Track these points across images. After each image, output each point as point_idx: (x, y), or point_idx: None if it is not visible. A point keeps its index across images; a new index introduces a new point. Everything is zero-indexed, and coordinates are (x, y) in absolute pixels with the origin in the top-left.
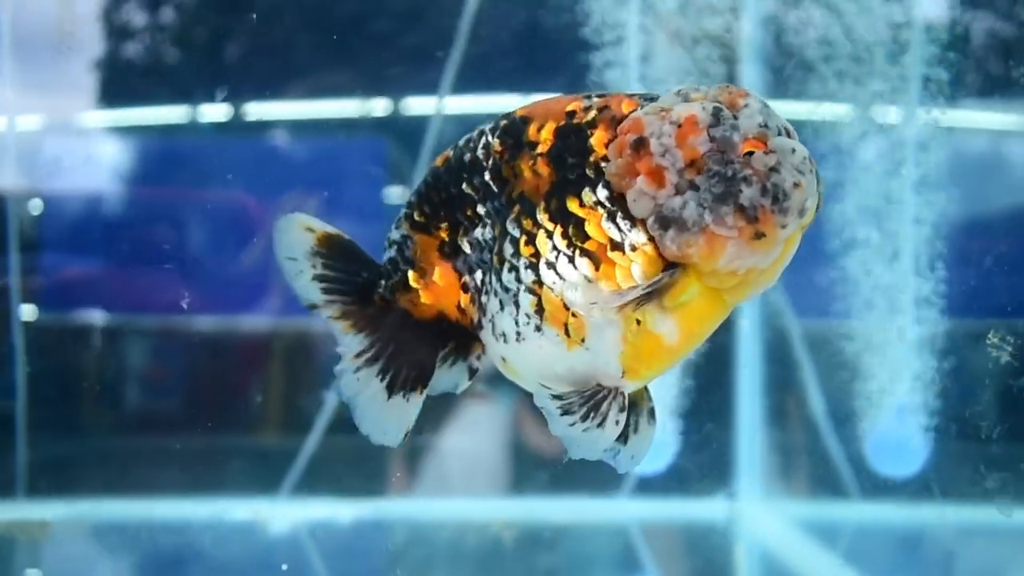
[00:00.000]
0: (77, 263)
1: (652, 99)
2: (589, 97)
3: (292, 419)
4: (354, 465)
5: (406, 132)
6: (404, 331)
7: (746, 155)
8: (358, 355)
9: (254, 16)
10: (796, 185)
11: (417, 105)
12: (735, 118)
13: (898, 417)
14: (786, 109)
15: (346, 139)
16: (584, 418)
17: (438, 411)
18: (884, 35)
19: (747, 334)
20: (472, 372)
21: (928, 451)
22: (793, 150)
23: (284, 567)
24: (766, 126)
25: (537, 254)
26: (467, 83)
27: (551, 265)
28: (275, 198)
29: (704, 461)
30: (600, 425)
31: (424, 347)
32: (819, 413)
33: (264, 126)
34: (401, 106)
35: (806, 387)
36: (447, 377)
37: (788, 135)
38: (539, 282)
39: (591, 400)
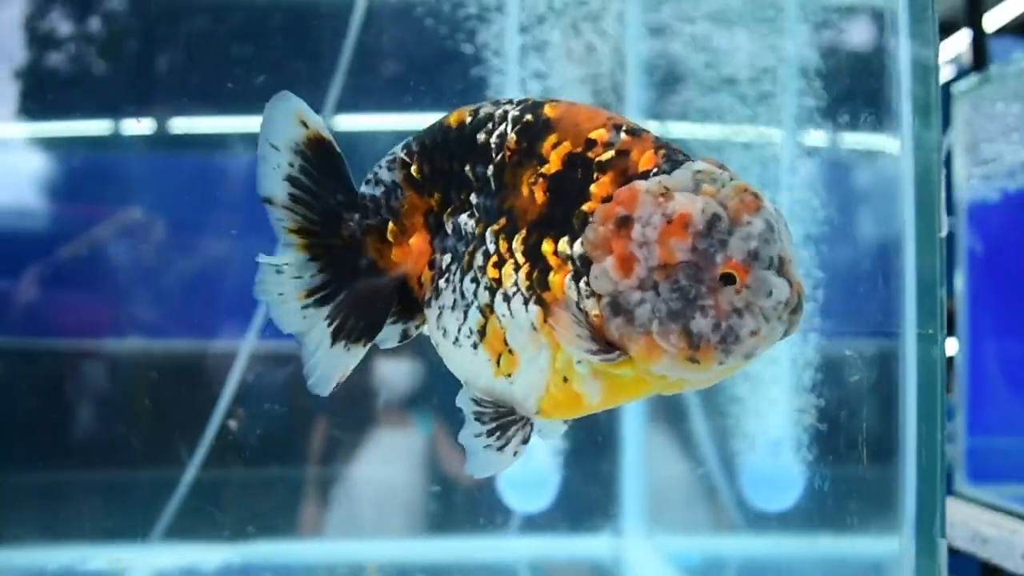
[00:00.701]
0: None
1: (674, 161)
2: (618, 130)
3: (167, 454)
4: (232, 505)
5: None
6: (363, 279)
7: (722, 277)
8: (311, 292)
9: (184, 30)
10: (753, 333)
11: (348, 121)
12: (729, 233)
13: (773, 450)
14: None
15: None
16: (490, 434)
17: (351, 439)
18: (767, 58)
19: None
20: (404, 337)
21: (804, 483)
22: (770, 293)
23: None
24: (756, 255)
25: (499, 282)
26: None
27: (507, 299)
28: (190, 214)
29: (590, 497)
30: (500, 449)
31: (379, 301)
32: (703, 447)
33: (190, 141)
34: (333, 122)
35: (691, 420)
36: (384, 332)
37: (780, 266)
38: (491, 308)
39: (502, 419)
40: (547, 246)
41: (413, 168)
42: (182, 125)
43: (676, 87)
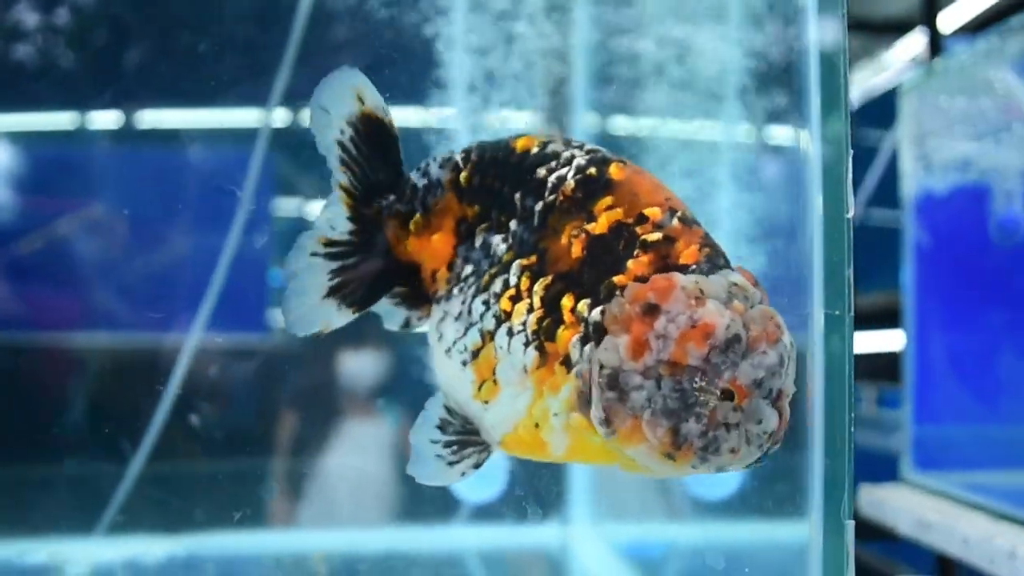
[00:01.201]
0: None
1: (714, 264)
2: (673, 214)
3: (112, 447)
4: (179, 497)
5: (301, 144)
6: (376, 256)
7: (721, 394)
8: (329, 243)
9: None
10: (733, 451)
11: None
12: (743, 357)
13: None
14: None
15: (237, 150)
16: (446, 446)
17: (320, 430)
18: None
19: None
20: (407, 323)
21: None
22: (760, 421)
23: None
24: (759, 384)
25: (509, 315)
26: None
27: (510, 334)
28: (151, 208)
29: (539, 486)
30: (451, 464)
31: (380, 281)
32: None
33: (158, 135)
34: (300, 117)
35: None
36: (386, 313)
37: (776, 398)
38: (492, 335)
39: (464, 437)
40: (567, 301)
41: (463, 174)
42: (148, 119)
43: (611, 81)
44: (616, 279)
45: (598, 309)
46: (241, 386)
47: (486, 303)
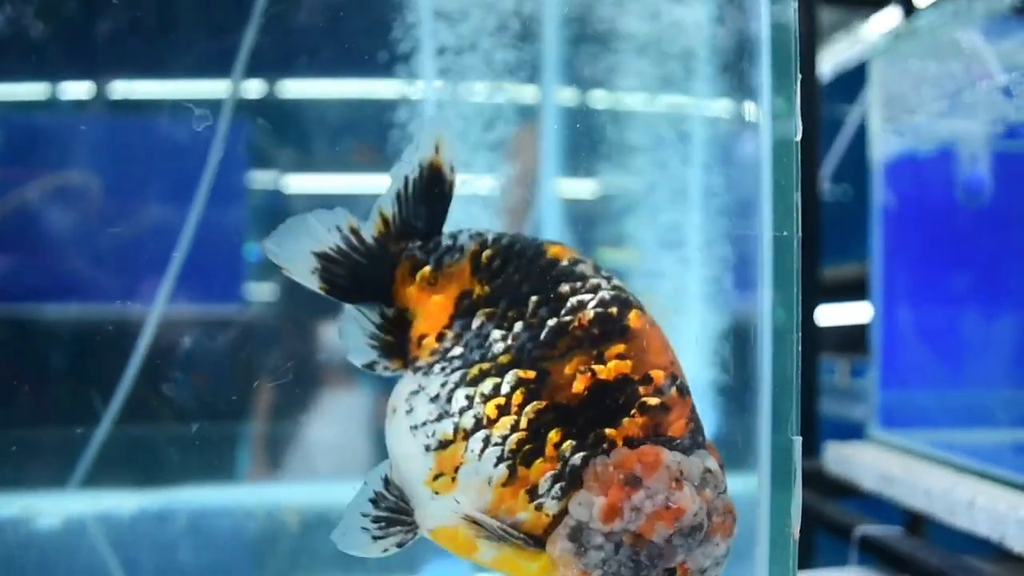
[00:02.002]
0: None
1: (695, 443)
2: (673, 381)
3: (80, 410)
4: (147, 455)
5: (277, 115)
6: (375, 283)
7: (666, 571)
8: (344, 246)
9: None
10: None
11: (292, 88)
12: (699, 544)
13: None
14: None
15: (212, 120)
16: (375, 521)
17: (296, 396)
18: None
19: None
20: (371, 366)
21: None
22: None
23: None
24: (703, 571)
25: (490, 424)
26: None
27: (486, 442)
28: (132, 179)
29: None
30: (375, 539)
31: (361, 296)
32: None
33: (129, 105)
34: (275, 88)
35: None
36: (356, 342)
37: None
38: (466, 435)
39: (395, 516)
40: (554, 435)
41: (487, 251)
42: (120, 89)
43: (587, 50)
44: (608, 431)
45: (580, 455)
46: (214, 355)
47: (469, 399)
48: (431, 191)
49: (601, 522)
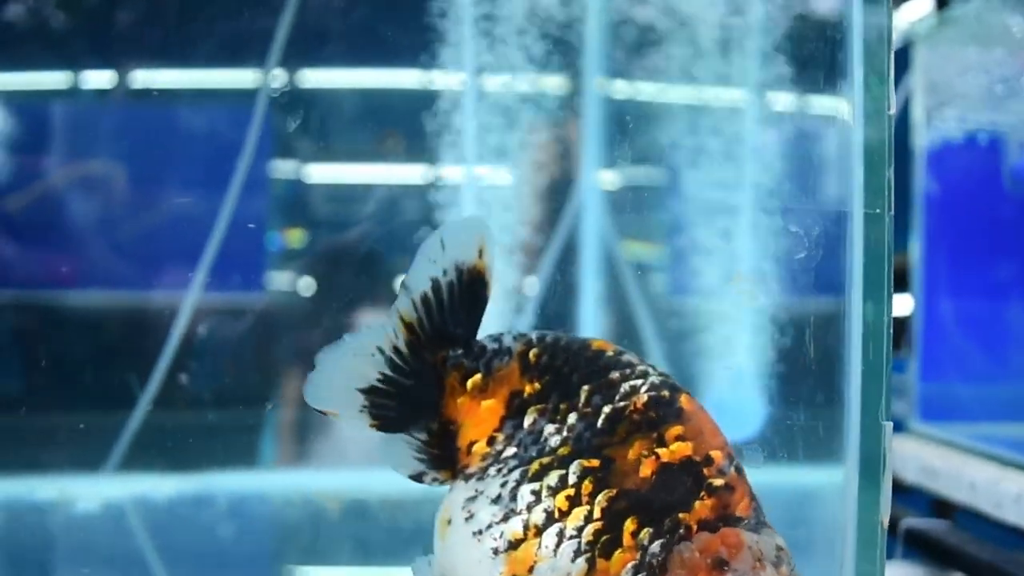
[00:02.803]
0: None
1: (760, 522)
2: (731, 460)
3: (117, 396)
4: (183, 441)
5: (298, 105)
6: (424, 401)
7: None
8: (393, 351)
9: None
10: None
11: (314, 77)
12: None
13: (734, 381)
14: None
15: (236, 110)
16: None
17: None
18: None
19: (589, 306)
20: (417, 478)
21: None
22: None
23: None
24: None
25: (563, 516)
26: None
27: (560, 535)
28: (159, 169)
29: None
30: None
31: (414, 422)
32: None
33: (151, 95)
34: (296, 78)
35: (650, 356)
36: (403, 457)
37: None
38: (538, 531)
39: None
40: (630, 524)
41: (534, 350)
42: (143, 79)
43: (638, 47)
44: (682, 515)
45: (659, 542)
46: (242, 341)
47: (536, 493)
48: (471, 296)
49: None
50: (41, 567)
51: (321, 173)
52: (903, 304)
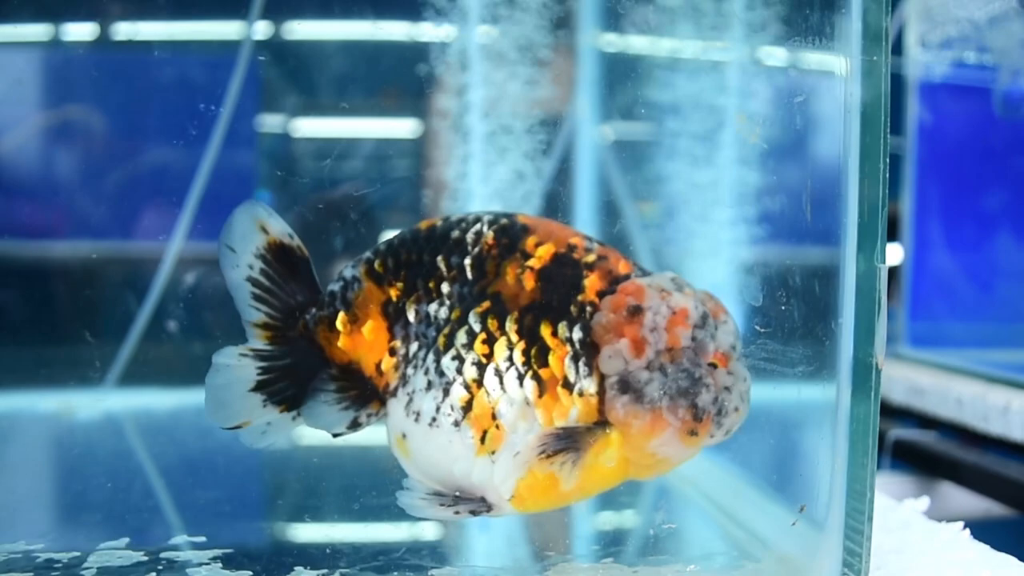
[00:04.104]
0: None
1: (644, 270)
2: (590, 240)
3: (118, 312)
4: (185, 356)
5: (285, 55)
6: (307, 358)
7: (710, 365)
8: (256, 349)
9: None
10: (736, 409)
11: (301, 29)
12: (715, 328)
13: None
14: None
15: (221, 61)
16: (443, 504)
17: None
18: None
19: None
20: (355, 424)
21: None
22: (744, 379)
23: None
24: (733, 347)
25: (490, 357)
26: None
27: (499, 373)
28: (138, 117)
29: None
30: (453, 510)
31: (314, 377)
32: None
33: (134, 46)
34: (282, 29)
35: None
36: (332, 416)
37: (740, 359)
38: (479, 383)
39: (464, 501)
40: (545, 328)
41: (376, 263)
42: (124, 30)
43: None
44: (580, 298)
45: (577, 326)
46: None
47: (456, 357)
48: (288, 264)
49: (636, 358)
50: None
51: (311, 127)
52: (892, 254)
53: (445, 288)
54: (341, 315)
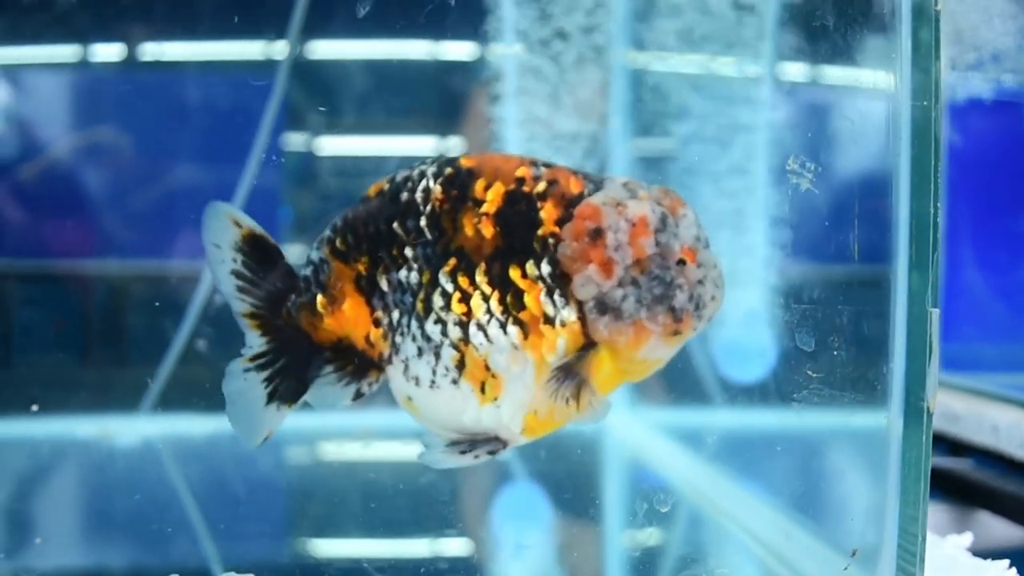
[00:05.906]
0: None
1: (595, 181)
2: (536, 165)
3: (151, 348)
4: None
5: (308, 76)
6: (299, 347)
7: (678, 263)
8: (253, 358)
9: None
10: (713, 298)
11: (322, 49)
12: (676, 225)
13: (746, 321)
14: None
15: (245, 82)
16: (463, 451)
17: None
18: None
19: None
20: (358, 395)
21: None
22: (715, 265)
23: None
24: (698, 238)
25: (469, 314)
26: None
27: (481, 327)
28: (163, 140)
29: None
30: (463, 453)
31: (312, 367)
32: None
33: (160, 67)
34: (306, 49)
35: None
36: (336, 393)
37: (707, 244)
38: (465, 340)
39: (480, 443)
40: (514, 272)
41: (337, 241)
42: (151, 51)
43: (658, 15)
44: (540, 232)
45: (544, 261)
46: None
47: (438, 321)
48: (264, 256)
49: (607, 280)
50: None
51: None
52: None
53: (409, 253)
54: (319, 298)
